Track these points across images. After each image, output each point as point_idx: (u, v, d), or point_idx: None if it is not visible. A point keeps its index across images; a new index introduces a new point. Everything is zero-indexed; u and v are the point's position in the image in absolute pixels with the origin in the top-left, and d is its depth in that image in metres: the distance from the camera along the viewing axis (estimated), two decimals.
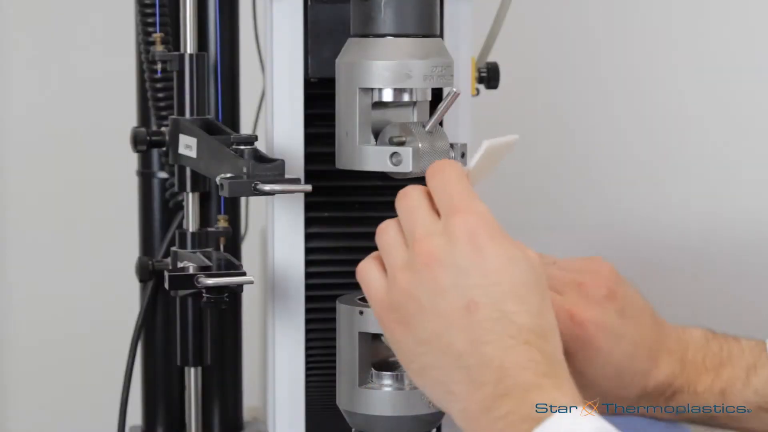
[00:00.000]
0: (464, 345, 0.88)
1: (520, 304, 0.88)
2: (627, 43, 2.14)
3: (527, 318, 0.88)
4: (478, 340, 0.87)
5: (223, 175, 1.04)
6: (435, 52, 1.03)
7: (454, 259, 0.89)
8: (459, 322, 0.88)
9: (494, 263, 0.89)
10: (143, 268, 1.32)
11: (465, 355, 0.87)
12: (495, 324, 0.87)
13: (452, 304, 0.88)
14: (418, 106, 1.06)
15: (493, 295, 0.88)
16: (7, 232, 2.18)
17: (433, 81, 1.03)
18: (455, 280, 0.88)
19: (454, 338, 0.88)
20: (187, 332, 1.23)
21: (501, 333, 0.87)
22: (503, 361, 0.86)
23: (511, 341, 0.87)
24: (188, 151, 1.15)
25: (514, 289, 0.89)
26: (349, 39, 1.05)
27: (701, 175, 2.15)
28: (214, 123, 1.17)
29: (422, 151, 1.03)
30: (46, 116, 2.15)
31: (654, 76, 2.14)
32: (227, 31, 1.36)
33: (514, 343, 0.87)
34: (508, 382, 0.86)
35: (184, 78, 1.19)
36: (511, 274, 0.89)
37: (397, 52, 1.02)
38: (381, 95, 1.04)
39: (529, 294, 0.89)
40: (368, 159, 1.03)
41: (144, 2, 1.30)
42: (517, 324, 0.87)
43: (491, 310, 0.87)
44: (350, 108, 1.04)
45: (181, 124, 1.17)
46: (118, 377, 1.33)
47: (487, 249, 0.89)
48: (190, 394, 1.30)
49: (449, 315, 0.88)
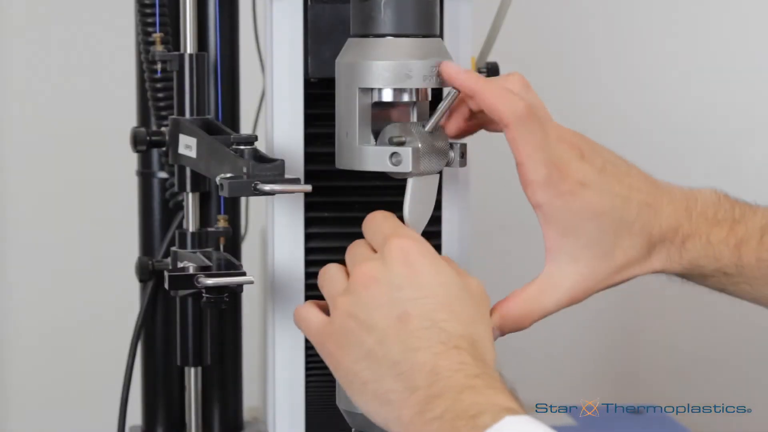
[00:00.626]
0: (398, 354, 0.92)
1: (451, 314, 0.93)
2: (627, 43, 2.14)
3: (457, 326, 0.93)
4: (411, 348, 0.91)
5: (223, 175, 1.04)
6: (435, 53, 1.03)
7: (390, 276, 0.94)
8: (393, 333, 0.92)
9: (427, 278, 0.94)
10: (143, 268, 1.32)
11: (399, 363, 0.92)
12: (426, 332, 0.92)
13: (387, 317, 0.93)
14: (417, 106, 1.06)
15: (424, 306, 0.93)
16: (7, 232, 2.18)
17: (433, 81, 1.03)
18: (390, 295, 0.93)
19: (389, 348, 0.92)
20: (187, 332, 1.23)
21: (432, 340, 0.91)
22: (435, 365, 0.90)
23: (442, 347, 0.91)
24: (188, 151, 1.15)
25: (447, 301, 0.94)
26: (349, 39, 1.05)
27: (701, 175, 2.15)
28: (214, 123, 1.17)
29: (422, 151, 1.03)
30: (46, 116, 2.15)
31: (654, 76, 2.14)
32: (227, 30, 1.36)
33: (445, 349, 0.91)
34: (441, 384, 0.89)
35: (184, 78, 1.19)
36: (445, 288, 0.94)
37: (396, 52, 1.02)
38: (381, 95, 1.04)
39: (461, 307, 0.94)
40: (368, 159, 1.03)
41: (144, 2, 1.30)
42: (447, 331, 0.92)
43: (423, 319, 0.92)
44: (350, 108, 1.04)
45: (181, 124, 1.16)
46: (118, 377, 1.33)
47: (420, 266, 0.95)
48: (190, 394, 1.30)
49: (384, 327, 0.93)
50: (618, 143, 2.21)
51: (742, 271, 1.06)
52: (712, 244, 1.06)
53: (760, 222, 1.07)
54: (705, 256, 1.06)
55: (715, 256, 1.05)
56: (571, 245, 1.02)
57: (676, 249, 1.06)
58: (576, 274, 1.03)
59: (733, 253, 1.06)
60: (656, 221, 1.05)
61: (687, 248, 1.06)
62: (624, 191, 1.04)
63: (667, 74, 2.14)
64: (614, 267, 1.04)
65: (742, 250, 1.06)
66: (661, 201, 1.06)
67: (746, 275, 1.06)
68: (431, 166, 1.04)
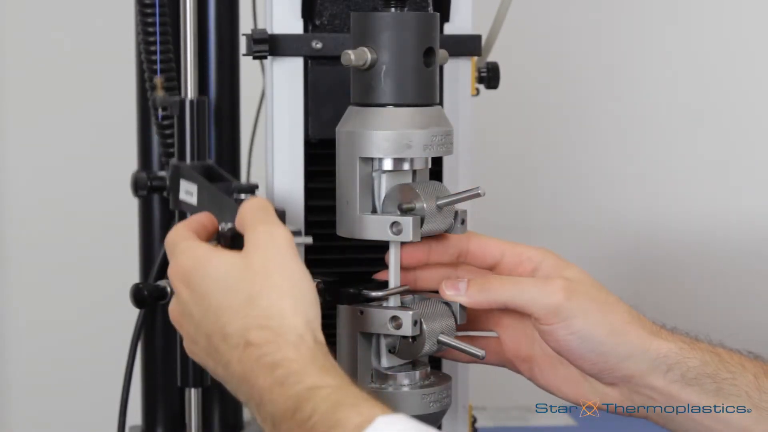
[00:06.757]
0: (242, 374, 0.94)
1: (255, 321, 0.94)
2: (627, 43, 2.14)
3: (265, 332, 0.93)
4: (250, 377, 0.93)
5: (224, 224, 1.04)
6: (435, 122, 1.03)
7: (183, 309, 1.00)
8: (233, 360, 0.95)
9: (211, 299, 0.96)
10: (138, 296, 1.30)
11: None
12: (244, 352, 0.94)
13: (206, 347, 0.97)
14: (418, 174, 1.06)
15: (226, 324, 0.95)
16: (8, 233, 2.18)
17: (433, 150, 1.03)
18: (195, 329, 0.98)
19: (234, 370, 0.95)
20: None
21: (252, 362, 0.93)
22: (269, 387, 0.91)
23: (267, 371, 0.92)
24: (189, 197, 1.14)
25: (238, 307, 0.94)
26: (350, 107, 1.04)
27: (701, 176, 2.16)
28: (214, 168, 1.17)
29: (426, 219, 1.03)
30: (46, 116, 2.15)
31: (654, 76, 2.14)
32: (227, 73, 1.37)
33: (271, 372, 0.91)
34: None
35: (184, 123, 1.18)
36: (228, 292, 0.95)
37: (397, 122, 1.02)
38: (381, 164, 1.04)
39: (258, 303, 0.94)
40: (368, 228, 1.03)
41: (144, 2, 1.30)
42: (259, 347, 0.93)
43: (235, 337, 0.94)
44: (350, 177, 1.03)
45: (182, 170, 1.16)
46: (118, 377, 1.33)
47: (198, 286, 0.97)
48: (190, 394, 1.30)
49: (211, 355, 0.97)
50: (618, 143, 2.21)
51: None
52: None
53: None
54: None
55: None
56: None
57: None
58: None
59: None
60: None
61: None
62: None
63: (667, 74, 2.14)
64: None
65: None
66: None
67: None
68: (429, 231, 1.04)
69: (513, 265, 1.07)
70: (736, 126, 2.15)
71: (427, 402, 1.05)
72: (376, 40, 1.01)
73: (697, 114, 2.15)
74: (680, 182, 2.15)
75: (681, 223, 2.14)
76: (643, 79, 2.14)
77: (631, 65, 2.14)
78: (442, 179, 1.16)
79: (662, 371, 1.03)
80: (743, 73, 2.14)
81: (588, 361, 1.03)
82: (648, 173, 2.14)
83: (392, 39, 1.01)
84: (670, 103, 2.15)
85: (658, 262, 2.14)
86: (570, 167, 2.15)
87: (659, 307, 1.10)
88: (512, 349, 1.09)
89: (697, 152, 2.15)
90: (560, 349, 1.03)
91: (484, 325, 1.10)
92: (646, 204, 2.15)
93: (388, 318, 1.03)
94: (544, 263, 1.06)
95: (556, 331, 1.02)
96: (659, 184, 2.15)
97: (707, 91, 2.15)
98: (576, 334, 1.02)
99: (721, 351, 1.05)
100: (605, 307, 1.03)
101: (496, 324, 1.10)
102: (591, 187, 2.15)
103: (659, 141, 2.14)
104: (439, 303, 1.06)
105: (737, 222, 2.13)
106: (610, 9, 2.13)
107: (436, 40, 1.03)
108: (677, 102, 2.15)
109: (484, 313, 1.09)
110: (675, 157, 2.14)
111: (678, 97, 2.15)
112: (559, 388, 1.08)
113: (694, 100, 2.15)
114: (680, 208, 2.15)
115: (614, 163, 2.14)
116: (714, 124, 2.15)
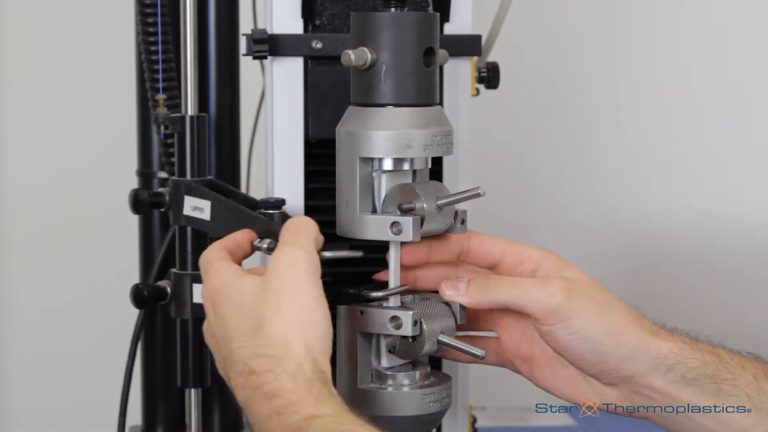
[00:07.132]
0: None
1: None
2: (627, 43, 2.14)
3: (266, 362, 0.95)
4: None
5: (260, 241, 1.06)
6: (435, 122, 1.03)
7: (213, 331, 1.01)
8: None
9: (228, 324, 0.99)
10: (138, 296, 1.30)
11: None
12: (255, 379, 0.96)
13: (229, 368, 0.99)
14: (418, 174, 1.06)
15: (241, 353, 0.97)
16: (7, 233, 2.18)
17: (433, 150, 1.03)
18: (221, 354, 1.00)
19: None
20: (188, 353, 1.22)
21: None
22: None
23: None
24: (198, 213, 1.14)
25: (248, 334, 0.96)
26: (350, 107, 1.04)
27: (702, 175, 2.16)
28: (217, 183, 1.16)
29: (426, 219, 1.03)
30: (46, 115, 2.15)
31: (654, 76, 2.14)
32: (227, 89, 1.37)
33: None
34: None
35: (185, 140, 1.17)
36: (246, 320, 0.97)
37: (397, 122, 1.02)
38: (381, 164, 1.04)
39: (265, 332, 0.96)
40: (368, 228, 1.03)
41: (144, 2, 1.30)
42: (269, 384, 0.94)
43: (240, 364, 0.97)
44: (350, 177, 1.04)
45: (188, 186, 1.15)
46: (118, 377, 1.33)
47: (222, 311, 0.99)
48: (190, 394, 1.30)
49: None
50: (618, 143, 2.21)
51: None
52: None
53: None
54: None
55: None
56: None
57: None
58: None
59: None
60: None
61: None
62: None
63: (667, 74, 2.14)
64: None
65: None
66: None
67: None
68: (429, 231, 1.04)
69: (513, 264, 1.07)
70: (737, 125, 2.15)
71: (427, 402, 1.05)
72: (376, 40, 1.01)
73: (697, 113, 2.15)
74: (680, 181, 2.15)
75: (681, 222, 2.14)
76: (643, 79, 2.14)
77: (631, 65, 2.14)
78: (442, 179, 1.16)
79: (662, 371, 1.03)
80: (743, 72, 2.14)
81: (588, 362, 1.03)
82: (648, 173, 2.14)
83: (392, 39, 1.01)
84: (670, 103, 2.15)
85: (658, 262, 2.14)
86: (570, 167, 2.15)
87: (659, 307, 1.10)
88: (512, 349, 1.09)
89: (697, 151, 2.15)
90: (560, 350, 1.03)
91: (484, 325, 1.10)
92: (646, 203, 2.15)
93: (388, 318, 1.03)
94: (544, 263, 1.06)
95: (556, 332, 1.02)
96: (659, 184, 2.15)
97: (707, 90, 2.15)
98: (576, 335, 1.02)
99: (721, 351, 1.05)
100: (605, 307, 1.03)
101: (496, 324, 1.10)
102: (591, 186, 2.15)
103: (659, 140, 2.14)
104: (439, 303, 1.06)
105: (737, 221, 2.13)
106: (610, 9, 2.13)
107: (436, 40, 1.03)
108: (677, 101, 2.15)
109: (484, 313, 1.09)
110: (675, 157, 2.14)
111: (678, 97, 2.15)
112: (559, 388, 1.08)
113: (694, 99, 2.15)
114: (680, 208, 2.15)
115: (614, 162, 2.14)
116: (714, 124, 2.15)
